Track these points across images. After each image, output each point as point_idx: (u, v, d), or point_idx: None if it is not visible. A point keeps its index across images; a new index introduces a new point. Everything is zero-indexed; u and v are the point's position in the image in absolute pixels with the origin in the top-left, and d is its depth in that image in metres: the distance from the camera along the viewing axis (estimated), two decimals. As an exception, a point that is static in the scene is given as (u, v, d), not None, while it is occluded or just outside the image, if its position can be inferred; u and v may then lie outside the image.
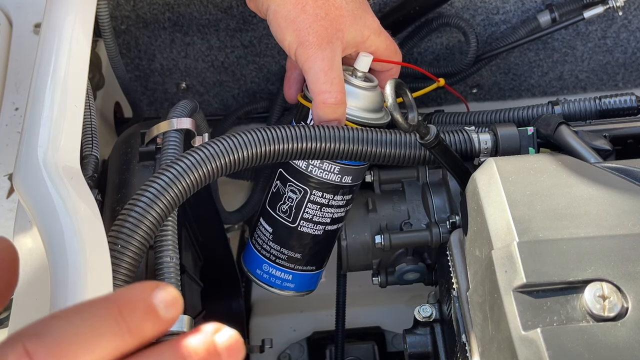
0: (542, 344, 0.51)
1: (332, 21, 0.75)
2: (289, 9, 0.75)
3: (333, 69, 0.74)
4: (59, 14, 0.69)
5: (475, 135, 0.75)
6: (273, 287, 0.84)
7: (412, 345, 0.77)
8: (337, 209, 0.81)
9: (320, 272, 0.87)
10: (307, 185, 0.79)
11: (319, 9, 0.75)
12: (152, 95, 1.16)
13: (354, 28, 0.77)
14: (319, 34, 0.74)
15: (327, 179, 0.78)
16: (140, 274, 0.69)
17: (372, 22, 0.79)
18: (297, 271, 0.83)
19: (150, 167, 0.78)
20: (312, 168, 0.78)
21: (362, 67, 0.78)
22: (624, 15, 1.08)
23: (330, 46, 0.74)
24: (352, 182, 0.80)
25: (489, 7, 1.05)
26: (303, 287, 0.85)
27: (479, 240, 0.63)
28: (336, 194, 0.79)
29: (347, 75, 0.77)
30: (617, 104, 0.84)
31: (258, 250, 0.84)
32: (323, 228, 0.81)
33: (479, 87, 1.17)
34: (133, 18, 1.04)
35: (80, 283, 0.53)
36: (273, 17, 0.76)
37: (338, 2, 0.76)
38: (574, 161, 0.66)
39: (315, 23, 0.74)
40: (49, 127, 0.63)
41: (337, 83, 0.74)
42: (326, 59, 0.74)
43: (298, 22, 0.74)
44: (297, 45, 0.75)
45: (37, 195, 0.59)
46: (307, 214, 0.80)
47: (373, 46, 0.79)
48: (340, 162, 0.77)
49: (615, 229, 0.58)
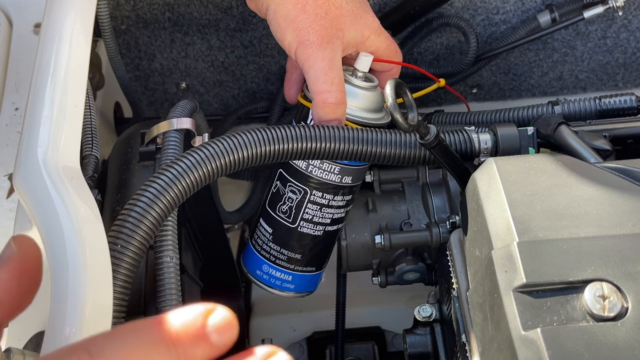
0: (542, 344, 0.51)
1: (333, 21, 0.75)
2: (289, 9, 0.75)
3: (333, 69, 0.74)
4: (59, 14, 0.69)
5: (475, 135, 0.75)
6: (273, 287, 0.84)
7: (412, 345, 0.77)
8: (337, 209, 0.81)
9: (320, 273, 0.87)
10: (307, 186, 0.79)
11: (319, 9, 0.75)
12: (152, 95, 1.16)
13: (354, 28, 0.77)
14: (319, 33, 0.74)
15: (328, 180, 0.78)
16: (140, 274, 0.69)
17: (372, 22, 0.79)
18: (297, 272, 0.83)
19: (150, 167, 0.78)
20: (312, 168, 0.78)
21: (362, 67, 0.78)
22: (624, 15, 1.08)
23: (330, 46, 0.74)
24: (353, 183, 0.80)
25: (489, 7, 1.05)
26: (303, 288, 0.85)
27: (479, 240, 0.63)
28: (336, 195, 0.79)
29: (347, 75, 0.77)
30: (617, 104, 0.84)
31: (258, 250, 0.84)
32: (323, 229, 0.81)
33: (479, 87, 1.17)
34: (133, 18, 1.04)
35: (80, 283, 0.53)
36: (273, 17, 0.76)
37: (338, 2, 0.76)
38: (574, 161, 0.66)
39: (315, 22, 0.74)
40: (49, 127, 0.63)
41: (338, 83, 0.74)
42: (326, 59, 0.74)
43: (298, 21, 0.74)
44: (297, 44, 0.75)
45: (37, 195, 0.59)
46: (307, 215, 0.80)
47: (373, 46, 0.79)
48: (341, 163, 0.77)
49: (615, 229, 0.58)
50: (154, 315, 0.40)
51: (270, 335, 1.09)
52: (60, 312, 0.52)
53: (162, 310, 0.65)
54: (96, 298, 0.54)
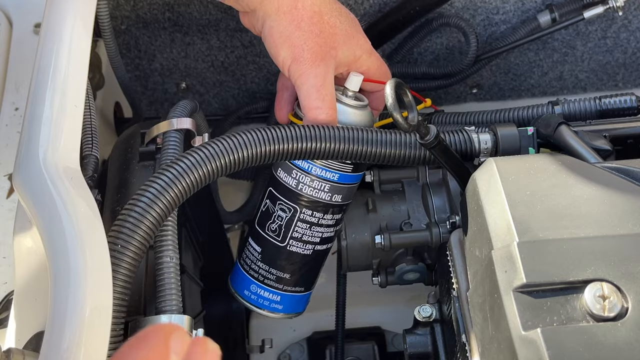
0: (542, 344, 0.51)
1: (327, 39, 0.76)
2: (285, 25, 0.76)
3: (325, 86, 0.75)
4: (59, 14, 0.69)
5: (475, 135, 0.75)
6: (261, 308, 0.83)
7: (412, 345, 0.77)
8: (327, 228, 0.81)
9: (308, 294, 0.86)
10: (297, 204, 0.79)
11: (314, 26, 0.76)
12: (152, 95, 1.16)
13: (347, 47, 0.78)
14: (313, 50, 0.75)
15: (318, 197, 0.78)
16: (140, 274, 0.69)
17: (364, 43, 0.80)
18: (285, 292, 0.83)
19: (150, 167, 0.78)
20: (303, 186, 0.78)
21: (352, 87, 0.79)
22: (624, 15, 1.08)
23: (323, 63, 0.75)
24: (342, 201, 0.80)
25: (489, 7, 1.05)
26: (292, 308, 0.85)
27: (479, 240, 0.63)
28: (326, 213, 0.80)
29: (338, 94, 0.78)
30: (617, 104, 0.84)
31: (246, 270, 0.83)
32: (312, 248, 0.81)
33: (479, 87, 1.17)
34: (133, 18, 1.04)
35: (80, 283, 0.53)
36: (268, 33, 0.77)
37: (332, 21, 0.77)
38: (574, 161, 0.66)
39: (310, 40, 0.75)
40: (49, 127, 0.63)
41: (329, 100, 0.75)
42: (319, 76, 0.75)
43: (293, 38, 0.75)
44: (292, 61, 0.76)
45: (37, 196, 0.59)
46: (296, 233, 0.80)
47: (364, 66, 0.80)
48: (331, 181, 0.78)
49: (615, 229, 0.58)
50: None
51: (270, 335, 1.09)
52: (60, 312, 0.52)
53: (161, 310, 0.65)
54: (96, 298, 0.54)
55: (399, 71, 1.07)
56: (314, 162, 0.77)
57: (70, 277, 0.53)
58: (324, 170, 0.77)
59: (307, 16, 0.75)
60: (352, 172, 0.79)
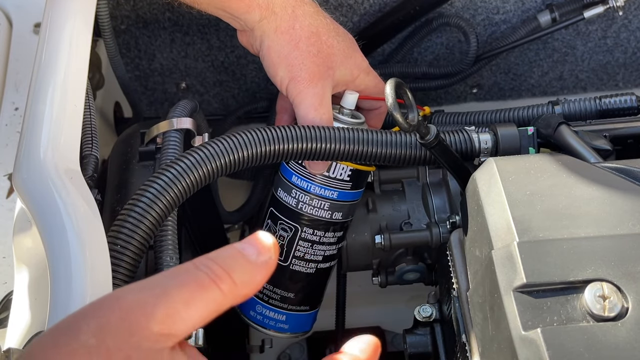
0: (542, 344, 0.51)
1: (324, 58, 0.76)
2: (283, 45, 0.76)
3: (323, 105, 0.76)
4: (59, 13, 0.69)
5: (475, 135, 0.75)
6: (267, 328, 0.83)
7: (412, 345, 0.77)
8: (329, 246, 0.81)
9: (314, 312, 0.86)
10: (297, 223, 0.79)
11: (311, 46, 0.76)
12: (152, 95, 1.16)
13: (345, 66, 0.78)
14: (310, 70, 0.75)
15: (318, 216, 0.78)
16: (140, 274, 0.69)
17: (361, 62, 0.81)
18: (290, 311, 0.83)
19: (150, 167, 0.78)
20: (303, 205, 0.78)
21: (348, 105, 0.79)
22: (624, 15, 1.08)
23: (321, 82, 0.76)
24: (343, 219, 0.80)
25: (489, 7, 1.05)
26: (297, 327, 0.85)
27: (479, 240, 0.63)
28: (327, 231, 0.80)
29: (335, 113, 0.78)
30: (617, 104, 0.84)
31: None
32: (315, 266, 0.81)
33: (479, 87, 1.17)
34: (133, 18, 1.04)
35: (80, 283, 0.53)
36: (266, 52, 0.77)
37: (330, 41, 0.77)
38: (574, 161, 0.66)
39: (307, 59, 0.76)
40: (49, 127, 0.63)
41: (327, 119, 0.76)
42: (317, 95, 0.75)
43: (291, 57, 0.76)
44: (289, 80, 0.76)
45: (37, 195, 0.59)
46: (298, 252, 0.80)
47: (362, 85, 0.80)
48: (330, 199, 0.78)
49: (615, 229, 0.58)
50: None
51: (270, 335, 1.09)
52: (60, 312, 0.52)
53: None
54: (96, 298, 0.54)
55: (399, 71, 1.07)
56: (313, 181, 0.77)
57: (70, 277, 0.53)
58: (323, 188, 0.77)
59: (305, 36, 0.76)
60: (352, 190, 0.79)
